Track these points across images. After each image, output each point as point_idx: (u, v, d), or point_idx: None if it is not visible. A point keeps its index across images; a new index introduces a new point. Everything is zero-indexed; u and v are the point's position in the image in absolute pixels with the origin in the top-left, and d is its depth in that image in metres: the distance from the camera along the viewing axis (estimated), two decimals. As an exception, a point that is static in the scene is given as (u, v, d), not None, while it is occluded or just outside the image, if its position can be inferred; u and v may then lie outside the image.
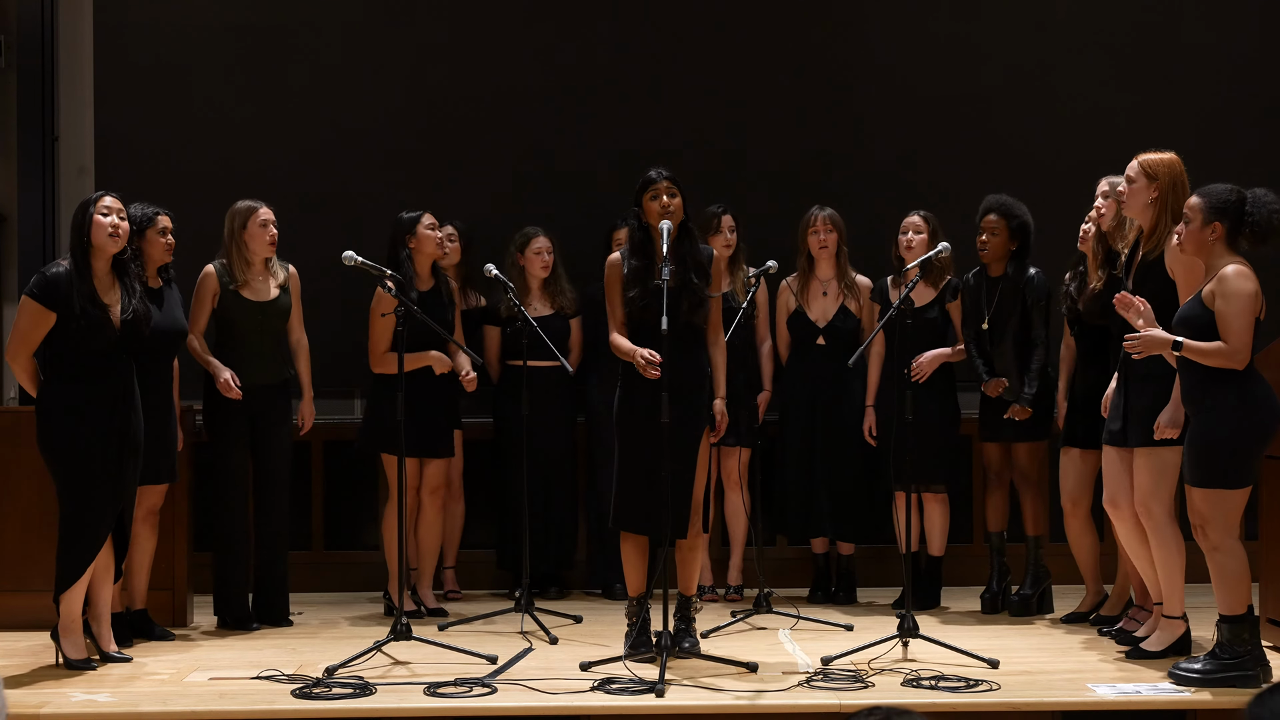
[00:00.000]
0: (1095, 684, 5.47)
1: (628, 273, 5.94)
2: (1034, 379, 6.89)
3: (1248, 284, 5.34)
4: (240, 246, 6.79)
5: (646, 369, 5.72)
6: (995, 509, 7.19)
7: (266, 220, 6.80)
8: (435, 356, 6.96)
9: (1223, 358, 5.31)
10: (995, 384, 6.95)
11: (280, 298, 6.87)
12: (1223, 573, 5.41)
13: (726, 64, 8.28)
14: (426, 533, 7.23)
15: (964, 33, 8.35)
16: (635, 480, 5.88)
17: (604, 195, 7.82)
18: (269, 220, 6.80)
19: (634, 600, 6.01)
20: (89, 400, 5.80)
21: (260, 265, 6.83)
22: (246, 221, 6.79)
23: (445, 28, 8.29)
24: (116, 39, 8.20)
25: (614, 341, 5.95)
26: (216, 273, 6.78)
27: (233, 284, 6.76)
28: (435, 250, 7.11)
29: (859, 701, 5.25)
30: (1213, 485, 5.37)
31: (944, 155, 8.21)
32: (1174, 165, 5.82)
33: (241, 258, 6.78)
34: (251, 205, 6.81)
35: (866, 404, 7.29)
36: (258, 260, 6.81)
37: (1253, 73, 8.36)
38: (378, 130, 8.21)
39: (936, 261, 6.73)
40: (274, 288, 6.86)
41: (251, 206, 6.81)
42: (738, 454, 7.41)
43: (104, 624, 6.03)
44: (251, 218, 6.79)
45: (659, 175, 5.92)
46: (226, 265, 6.79)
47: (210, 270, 6.79)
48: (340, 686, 5.46)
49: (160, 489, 6.52)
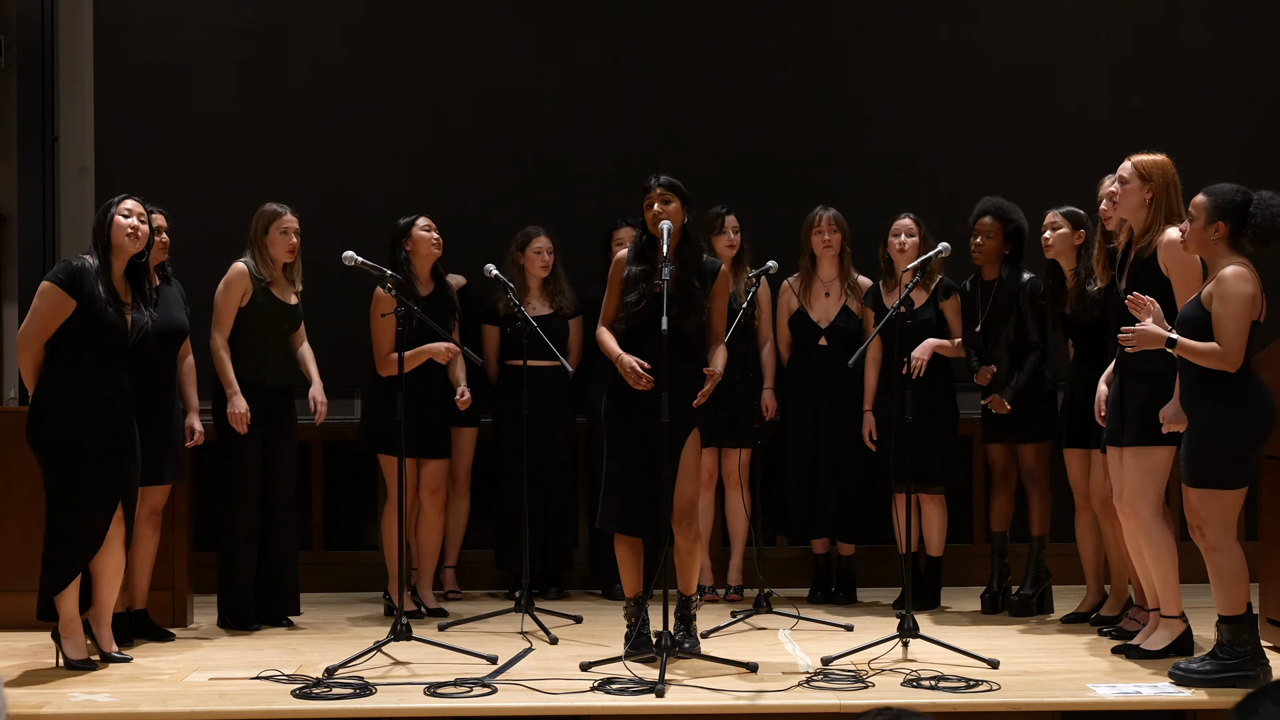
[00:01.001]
0: (1095, 684, 5.47)
1: (628, 276, 5.96)
2: (1024, 376, 6.90)
3: (1245, 286, 5.33)
4: (262, 249, 6.81)
5: (633, 378, 5.75)
6: (1000, 509, 7.19)
7: (288, 228, 6.80)
8: (434, 347, 6.95)
9: (1215, 359, 5.31)
10: (985, 371, 6.97)
11: (299, 305, 6.90)
12: (1221, 573, 5.42)
13: (727, 64, 8.28)
14: (426, 533, 7.23)
15: (965, 34, 8.35)
16: (622, 480, 5.89)
17: (604, 195, 7.83)
18: (290, 228, 6.80)
19: (631, 601, 6.01)
20: (87, 397, 5.80)
21: (279, 271, 6.85)
22: (269, 226, 6.80)
23: (445, 28, 8.30)
24: (116, 39, 8.20)
25: (600, 337, 5.99)
26: (248, 270, 6.78)
27: (263, 281, 6.78)
28: (431, 252, 7.12)
29: (859, 702, 5.25)
30: (1210, 485, 5.38)
31: (944, 156, 8.21)
32: (1166, 166, 5.86)
33: (264, 260, 6.80)
34: (276, 210, 6.82)
35: (864, 408, 7.29)
36: (277, 265, 6.83)
37: (1253, 74, 8.36)
38: (378, 130, 8.21)
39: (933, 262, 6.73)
40: (293, 294, 6.89)
41: (276, 212, 6.82)
42: (738, 454, 7.41)
43: (104, 624, 6.03)
44: (275, 223, 6.80)
45: (654, 183, 5.96)
46: (254, 264, 6.80)
47: (242, 268, 6.79)
48: (340, 687, 5.46)
49: (164, 489, 6.52)
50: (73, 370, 5.81)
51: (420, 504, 7.21)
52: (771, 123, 8.26)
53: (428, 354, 6.97)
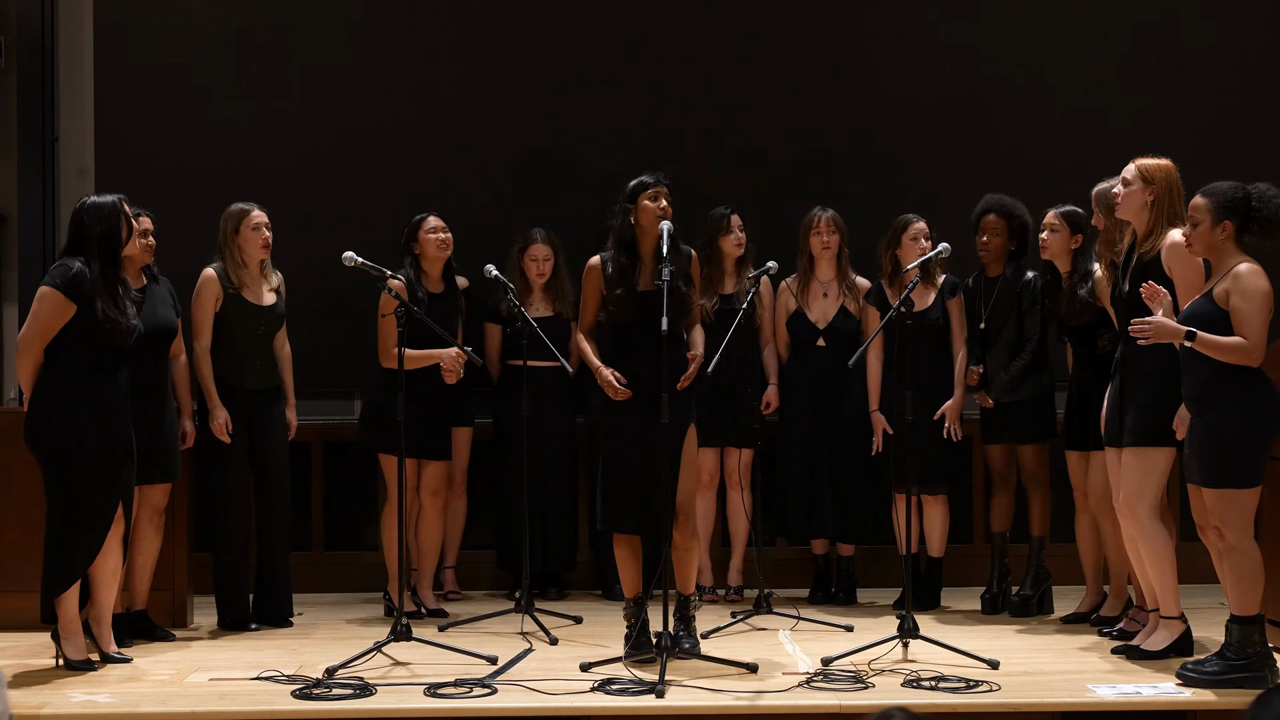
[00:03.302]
0: (1095, 684, 5.47)
1: (612, 272, 5.95)
2: (1013, 374, 6.90)
3: (1264, 281, 5.38)
4: (234, 250, 6.77)
5: (611, 391, 5.77)
6: (1000, 510, 7.19)
7: (259, 223, 6.78)
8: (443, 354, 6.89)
9: (1241, 354, 5.32)
10: (972, 372, 6.99)
11: (277, 304, 6.87)
12: (1239, 573, 5.41)
13: (727, 65, 8.27)
14: (426, 533, 7.23)
15: (965, 35, 8.35)
16: (620, 480, 5.90)
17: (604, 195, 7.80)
18: (261, 223, 6.79)
19: (630, 602, 6.01)
20: (86, 398, 5.80)
21: (255, 269, 6.82)
22: (239, 225, 6.77)
23: (446, 28, 8.29)
24: (116, 39, 8.20)
25: (580, 345, 6.02)
26: (217, 276, 6.77)
27: (232, 287, 6.76)
28: (436, 253, 7.11)
29: (859, 702, 5.26)
30: (1226, 485, 5.37)
31: (944, 157, 8.20)
32: (1170, 170, 5.87)
33: (236, 261, 6.77)
34: (244, 208, 6.80)
35: (871, 409, 7.27)
36: (253, 264, 6.80)
37: (1253, 74, 8.35)
38: (378, 130, 8.20)
39: (935, 262, 6.73)
40: (269, 292, 6.86)
41: (244, 210, 6.79)
42: (738, 454, 7.41)
43: (104, 625, 6.03)
44: (244, 221, 6.77)
45: (658, 179, 5.96)
46: (223, 268, 6.78)
47: (211, 274, 6.77)
48: (340, 687, 5.46)
49: (164, 488, 6.52)
50: (71, 372, 5.81)
51: (420, 504, 7.21)
52: (771, 123, 8.25)
53: (434, 359, 6.93)
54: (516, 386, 7.02)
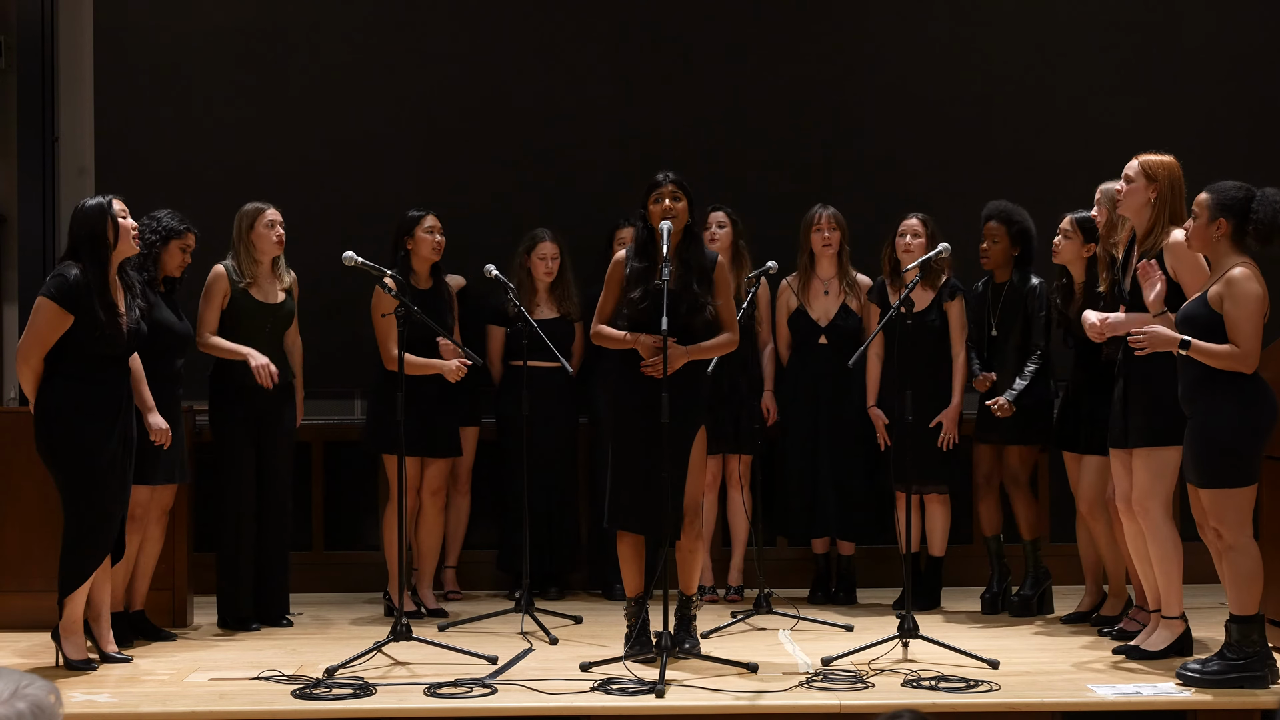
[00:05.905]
0: (1095, 684, 5.47)
1: (630, 273, 5.96)
2: (1025, 379, 6.89)
3: (1256, 286, 5.34)
4: (248, 247, 6.81)
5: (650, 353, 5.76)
6: (988, 513, 7.18)
7: (273, 221, 6.82)
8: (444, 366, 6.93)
9: (1233, 361, 5.30)
10: (984, 378, 6.97)
11: (286, 302, 6.90)
12: (1237, 572, 5.40)
13: (727, 65, 8.27)
14: (427, 533, 7.23)
15: (965, 35, 8.35)
16: (629, 480, 5.90)
17: (605, 195, 7.82)
18: (276, 221, 6.83)
19: (632, 601, 6.01)
20: (92, 402, 5.81)
21: (268, 266, 6.85)
22: (254, 222, 6.81)
23: (446, 28, 8.29)
24: (116, 39, 8.20)
25: (600, 331, 5.98)
26: (227, 272, 6.80)
27: (242, 283, 6.79)
28: (431, 254, 7.11)
29: (859, 702, 5.26)
30: (1221, 485, 5.37)
31: (944, 157, 8.21)
32: (1173, 168, 5.83)
33: (250, 258, 6.81)
34: (259, 206, 6.84)
35: (869, 405, 7.26)
36: (265, 261, 6.83)
37: (1253, 75, 8.36)
38: (378, 130, 8.20)
39: (935, 263, 6.73)
40: (280, 291, 6.88)
41: (259, 208, 6.84)
42: (739, 457, 7.40)
43: (104, 624, 6.03)
44: (259, 219, 6.81)
45: (664, 179, 5.96)
46: (236, 265, 6.81)
47: (221, 270, 6.81)
48: (340, 687, 5.46)
49: (173, 489, 6.53)
50: (74, 378, 5.81)
51: (421, 504, 7.20)
52: (771, 123, 8.25)
53: (436, 370, 6.95)
54: (518, 387, 7.02)
